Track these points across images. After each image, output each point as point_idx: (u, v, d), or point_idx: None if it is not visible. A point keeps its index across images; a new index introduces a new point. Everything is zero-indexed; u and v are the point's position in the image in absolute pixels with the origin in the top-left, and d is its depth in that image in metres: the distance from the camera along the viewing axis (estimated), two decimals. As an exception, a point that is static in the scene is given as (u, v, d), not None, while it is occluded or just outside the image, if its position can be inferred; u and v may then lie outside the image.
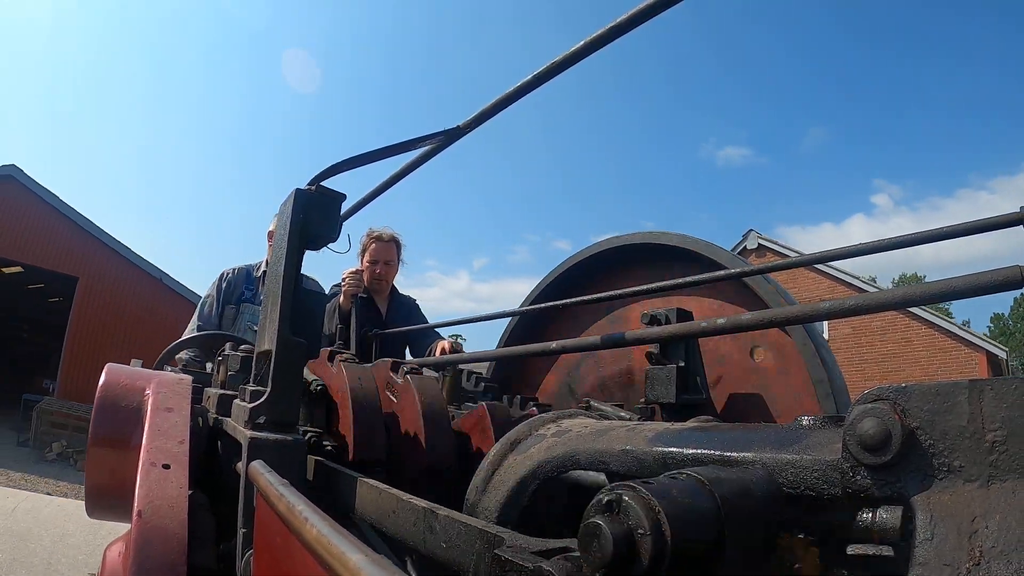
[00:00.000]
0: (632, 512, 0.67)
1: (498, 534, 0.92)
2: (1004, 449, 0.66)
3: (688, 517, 0.68)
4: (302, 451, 1.61)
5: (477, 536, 0.97)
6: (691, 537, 0.68)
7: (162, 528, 1.45)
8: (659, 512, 0.66)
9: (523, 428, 1.46)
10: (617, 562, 0.65)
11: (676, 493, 0.70)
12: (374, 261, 4.81)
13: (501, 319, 3.39)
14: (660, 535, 0.65)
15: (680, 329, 1.85)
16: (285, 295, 1.67)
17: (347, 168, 1.72)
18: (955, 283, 1.34)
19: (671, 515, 0.66)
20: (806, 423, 0.95)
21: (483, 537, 0.95)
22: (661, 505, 0.66)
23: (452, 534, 1.05)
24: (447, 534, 1.06)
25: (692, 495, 0.72)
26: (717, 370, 2.50)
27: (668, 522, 0.65)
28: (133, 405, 1.92)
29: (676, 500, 0.69)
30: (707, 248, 2.61)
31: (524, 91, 1.54)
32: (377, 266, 4.82)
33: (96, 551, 6.08)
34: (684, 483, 0.74)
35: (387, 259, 4.86)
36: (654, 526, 0.65)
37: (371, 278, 4.80)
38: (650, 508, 0.66)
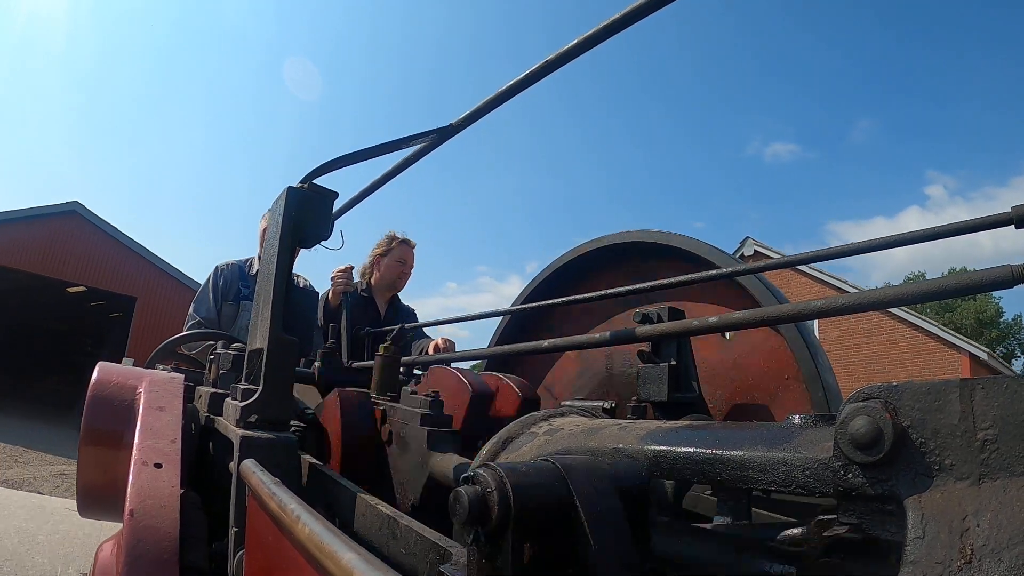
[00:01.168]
0: (482, 479, 0.83)
1: (448, 548, 1.03)
2: (995, 448, 0.66)
3: (529, 483, 0.84)
4: (294, 450, 1.60)
5: (430, 548, 1.08)
6: (534, 499, 0.83)
7: (154, 527, 1.44)
8: (503, 478, 0.82)
9: (515, 427, 1.46)
10: (474, 518, 0.81)
11: (522, 468, 0.87)
12: (402, 261, 4.98)
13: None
14: (504, 495, 0.80)
15: (672, 327, 1.85)
16: (277, 293, 1.66)
17: (340, 166, 1.72)
18: (947, 282, 1.34)
19: (514, 482, 0.82)
20: (797, 421, 0.95)
21: (435, 549, 1.06)
22: (506, 474, 0.82)
23: (410, 542, 1.14)
24: (406, 541, 1.16)
25: (537, 470, 0.88)
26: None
27: (511, 487, 0.81)
28: (125, 404, 1.91)
29: (520, 471, 0.85)
30: (698, 247, 2.61)
31: (516, 90, 1.54)
32: (405, 266, 5.00)
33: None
34: (535, 463, 0.91)
35: (412, 262, 5.06)
36: (500, 488, 0.81)
37: (396, 276, 4.96)
38: (497, 475, 0.82)
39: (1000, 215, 1.56)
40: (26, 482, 10.17)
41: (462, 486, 0.83)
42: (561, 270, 3.32)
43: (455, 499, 0.83)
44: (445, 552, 1.03)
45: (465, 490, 0.82)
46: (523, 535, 0.83)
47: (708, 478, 0.96)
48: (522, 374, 3.52)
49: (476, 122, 1.67)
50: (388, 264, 4.89)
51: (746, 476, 0.89)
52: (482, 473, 0.83)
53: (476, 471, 0.84)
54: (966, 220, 1.64)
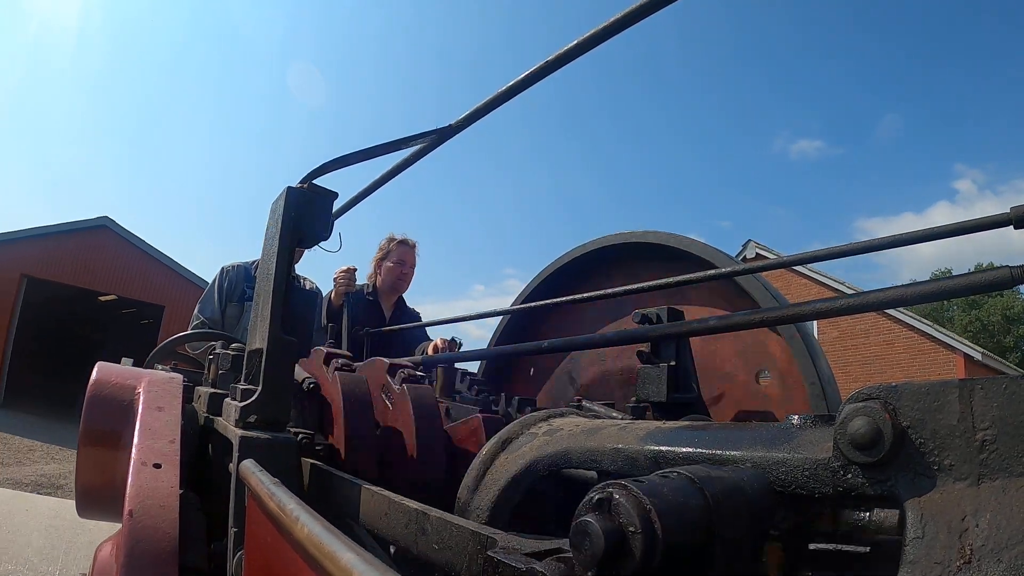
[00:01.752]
0: (623, 510, 0.67)
1: (491, 535, 0.91)
2: (994, 448, 0.66)
3: (679, 515, 0.68)
4: (293, 450, 1.60)
5: (470, 538, 0.96)
6: (682, 535, 0.68)
7: (153, 527, 1.44)
8: (650, 510, 0.66)
9: (514, 427, 1.46)
10: (609, 560, 0.65)
11: (667, 491, 0.70)
12: (401, 262, 4.95)
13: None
14: (651, 533, 0.65)
15: (671, 328, 1.86)
16: (276, 294, 1.66)
17: (339, 166, 1.72)
18: (947, 283, 1.35)
19: (662, 513, 0.66)
20: (797, 422, 0.95)
21: (476, 538, 0.95)
22: (652, 503, 0.66)
23: (444, 536, 1.04)
24: (439, 536, 1.05)
25: (683, 493, 0.72)
26: (720, 386, 2.51)
27: (659, 520, 0.66)
28: (124, 404, 1.91)
29: (667, 498, 0.69)
30: (696, 247, 2.61)
31: (515, 91, 1.54)
32: (405, 267, 4.96)
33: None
34: (675, 481, 0.74)
35: (412, 262, 5.02)
36: (645, 524, 0.65)
37: (396, 278, 4.92)
38: (641, 506, 0.66)
39: (999, 216, 1.56)
40: (62, 475, 11.27)
41: (590, 514, 0.69)
42: (560, 270, 3.32)
43: (582, 534, 0.68)
44: (488, 539, 0.92)
45: (595, 521, 0.67)
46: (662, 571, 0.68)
47: (707, 478, 0.96)
48: (522, 374, 3.53)
49: (476, 123, 1.67)
50: (387, 267, 4.89)
51: (745, 476, 0.89)
52: (618, 498, 0.69)
53: (609, 491, 0.70)
54: (965, 221, 1.64)
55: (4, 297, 23.01)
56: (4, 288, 22.97)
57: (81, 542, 6.46)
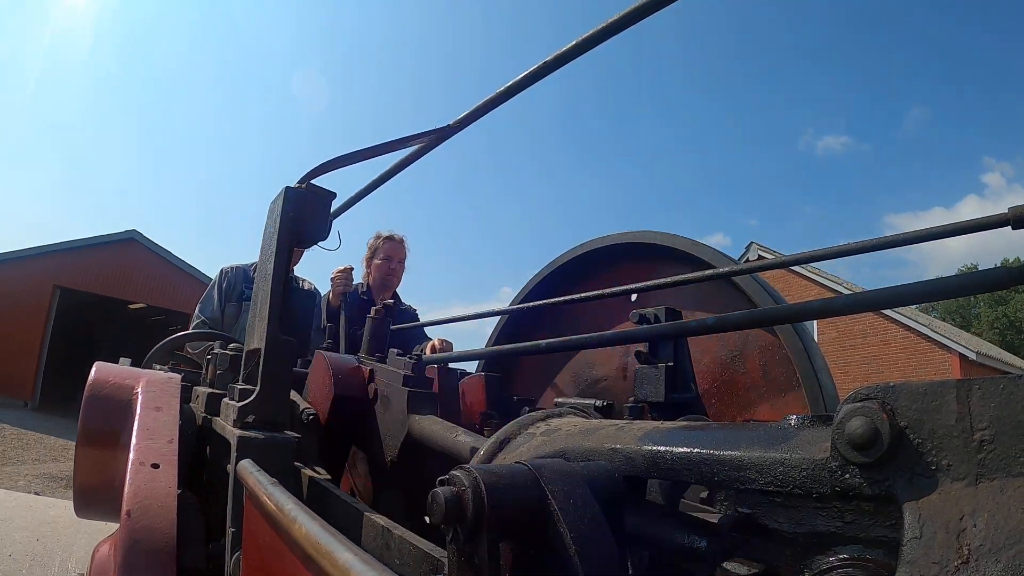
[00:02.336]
0: (457, 480, 0.84)
1: (440, 559, 1.05)
2: (992, 448, 0.66)
3: (503, 483, 0.85)
4: (291, 450, 1.60)
5: (423, 559, 1.10)
6: (507, 498, 0.84)
7: (151, 528, 1.44)
8: (477, 478, 0.83)
9: (512, 427, 1.46)
10: (451, 516, 0.83)
11: (496, 470, 0.88)
12: (388, 258, 4.90)
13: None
14: (478, 494, 0.82)
15: (669, 328, 1.85)
16: (275, 294, 1.66)
17: (337, 166, 1.72)
18: (945, 283, 1.35)
19: (487, 482, 0.83)
20: (794, 422, 0.95)
21: (428, 559, 1.09)
22: (479, 473, 0.84)
23: (404, 553, 1.17)
24: (400, 552, 1.18)
25: (510, 471, 0.90)
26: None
27: (484, 486, 0.82)
28: (122, 404, 1.91)
29: (494, 471, 0.87)
30: (694, 247, 2.61)
31: (514, 91, 1.54)
32: (392, 262, 4.91)
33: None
34: (508, 466, 0.93)
35: (400, 258, 4.96)
36: (474, 487, 0.82)
37: (384, 275, 4.88)
38: (471, 476, 0.84)
39: (998, 216, 1.56)
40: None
41: (439, 487, 0.85)
42: (559, 270, 3.32)
43: (432, 499, 0.84)
44: (438, 563, 1.05)
45: (441, 491, 0.84)
46: (499, 534, 0.85)
47: (705, 479, 0.96)
48: (522, 374, 3.53)
49: (474, 123, 1.67)
50: (376, 264, 4.88)
51: (743, 476, 0.89)
52: (457, 474, 0.85)
53: (452, 473, 0.86)
54: (964, 221, 1.64)
55: (38, 306, 24.76)
56: (38, 298, 24.76)
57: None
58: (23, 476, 11.32)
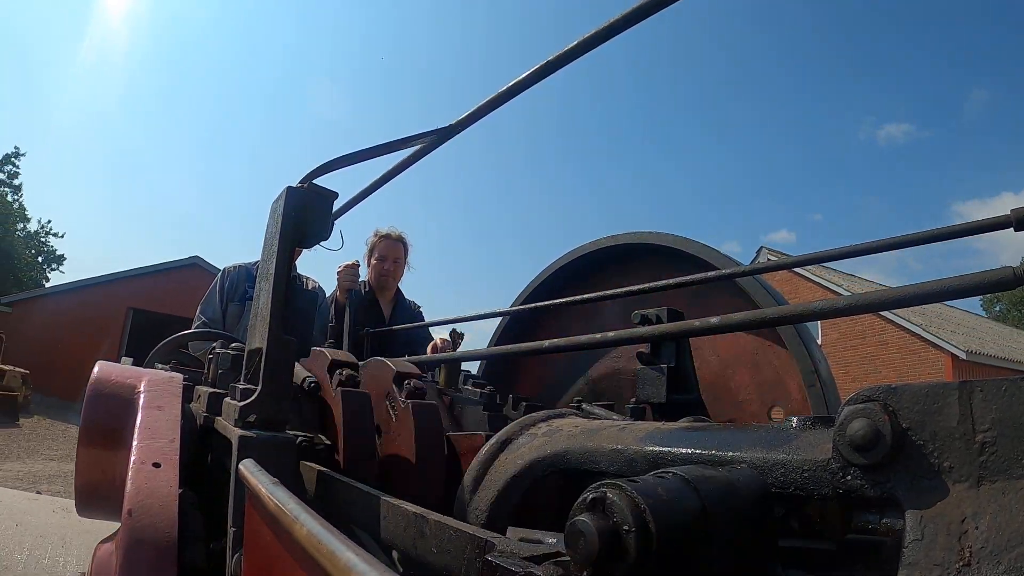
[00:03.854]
0: (617, 509, 0.67)
1: (489, 539, 0.91)
2: (994, 450, 0.66)
3: (673, 514, 0.69)
4: (293, 450, 1.60)
5: (468, 541, 0.96)
6: (676, 534, 0.68)
7: (152, 527, 1.44)
8: (644, 509, 0.66)
9: (514, 427, 1.46)
10: (603, 559, 0.66)
11: (661, 491, 0.71)
12: (382, 258, 4.83)
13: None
14: (646, 532, 0.65)
15: (671, 328, 1.85)
16: (276, 293, 1.66)
17: (339, 166, 1.72)
18: (949, 283, 1.34)
19: (656, 512, 0.66)
20: (796, 423, 0.95)
21: (473, 542, 0.95)
22: (646, 502, 0.67)
23: (442, 539, 1.03)
24: (437, 539, 1.05)
25: (677, 492, 0.73)
26: (731, 413, 2.53)
27: (653, 518, 0.66)
28: (124, 403, 1.91)
29: (661, 497, 0.69)
30: (698, 248, 2.62)
31: (517, 91, 1.54)
32: (386, 263, 4.83)
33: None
34: (670, 481, 0.75)
35: (395, 257, 4.88)
36: (639, 523, 0.66)
37: (379, 275, 4.82)
38: (635, 505, 0.67)
39: (1000, 217, 1.56)
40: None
41: (585, 514, 0.69)
42: (562, 271, 3.33)
43: (575, 533, 0.68)
44: (486, 543, 0.91)
45: (588, 521, 0.68)
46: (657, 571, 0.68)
47: (707, 479, 0.96)
48: (524, 374, 3.53)
49: (476, 123, 1.67)
50: (372, 263, 4.85)
51: (745, 478, 0.89)
52: (612, 497, 0.69)
53: (603, 491, 0.70)
54: (967, 222, 1.64)
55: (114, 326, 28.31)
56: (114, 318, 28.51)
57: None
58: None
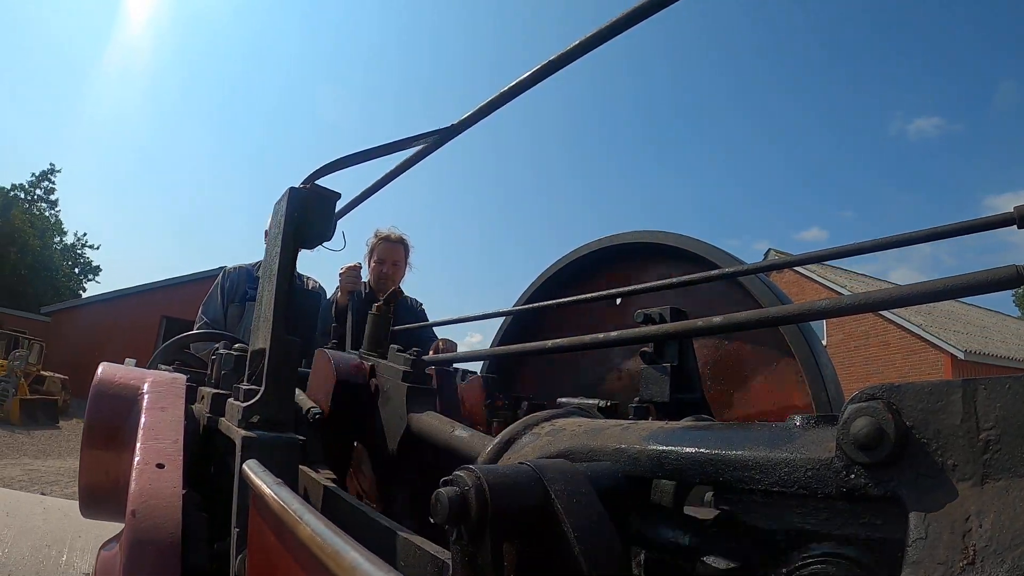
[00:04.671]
0: (460, 480, 0.85)
1: (447, 560, 1.03)
2: (998, 448, 0.66)
3: (506, 483, 0.85)
4: (296, 451, 1.60)
5: (429, 560, 1.10)
6: (511, 498, 0.85)
7: (156, 528, 1.44)
8: (481, 479, 0.83)
9: (517, 427, 1.46)
10: (455, 517, 0.83)
11: (499, 470, 0.88)
12: (381, 261, 4.80)
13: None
14: (481, 493, 0.82)
15: (675, 328, 1.85)
16: (279, 294, 1.67)
17: (341, 167, 1.72)
18: (953, 282, 1.34)
19: (491, 482, 0.83)
20: (799, 422, 0.95)
21: (433, 562, 1.09)
22: (482, 473, 0.84)
23: (409, 555, 1.16)
24: (405, 554, 1.17)
25: (514, 471, 0.90)
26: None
27: (488, 487, 0.83)
28: (128, 404, 1.91)
29: (497, 472, 0.87)
30: (699, 247, 2.61)
31: (519, 90, 1.54)
32: (384, 266, 4.80)
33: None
34: (511, 466, 0.93)
35: (394, 259, 4.85)
36: (477, 487, 0.83)
37: (378, 278, 4.79)
38: (474, 476, 0.84)
39: (1003, 215, 1.56)
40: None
41: (442, 488, 0.85)
42: (564, 270, 3.32)
43: (436, 500, 0.84)
44: (444, 564, 1.05)
45: (445, 491, 0.84)
46: (503, 534, 0.85)
47: (710, 479, 0.95)
48: (527, 374, 3.53)
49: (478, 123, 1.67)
50: (372, 266, 4.84)
51: (748, 477, 0.89)
52: (460, 475, 0.86)
53: (455, 473, 0.87)
54: (969, 220, 1.64)
55: (148, 334, 29.94)
56: (148, 326, 30.45)
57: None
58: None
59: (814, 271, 31.01)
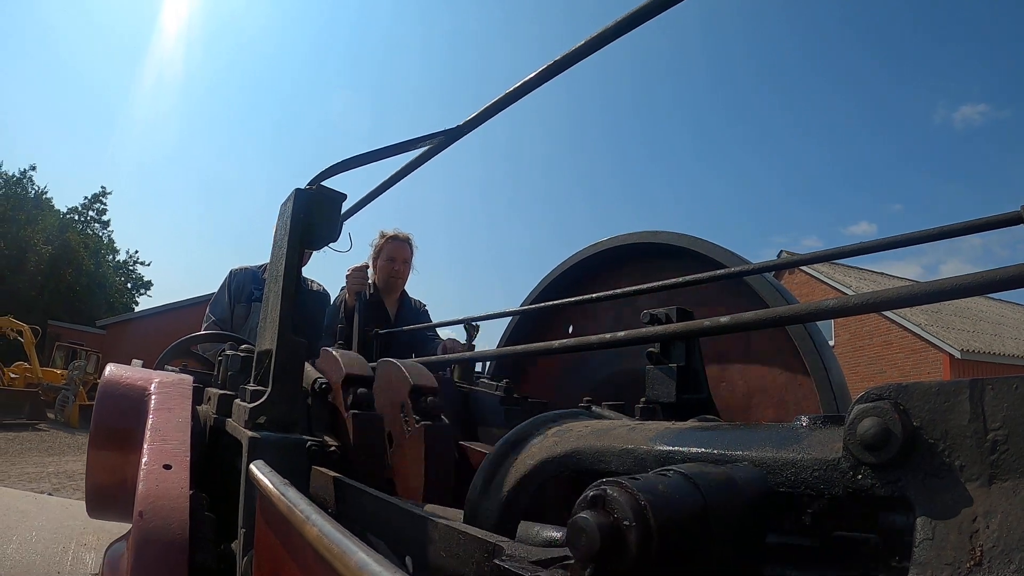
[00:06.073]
0: (617, 506, 0.67)
1: (497, 543, 0.91)
2: (1005, 448, 0.65)
3: (673, 510, 0.69)
4: (303, 451, 1.61)
5: (476, 545, 0.97)
6: (677, 529, 0.69)
7: (163, 528, 1.45)
8: (644, 505, 0.66)
9: (524, 428, 1.46)
10: (605, 556, 0.66)
11: (661, 487, 0.72)
12: (392, 259, 4.85)
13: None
14: (646, 527, 0.66)
15: (681, 328, 1.85)
16: (286, 294, 1.67)
17: (347, 168, 1.72)
18: (962, 281, 1.33)
19: (656, 508, 0.67)
20: (806, 422, 0.95)
21: (482, 546, 0.95)
22: (646, 498, 0.67)
23: (451, 543, 1.04)
24: (445, 543, 1.06)
25: (677, 488, 0.73)
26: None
27: (653, 515, 0.66)
28: (134, 404, 1.92)
29: (661, 493, 0.70)
30: (706, 247, 2.61)
31: (525, 91, 1.54)
32: (396, 263, 4.85)
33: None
34: (671, 478, 0.76)
35: (404, 258, 4.90)
36: (640, 518, 0.66)
37: (388, 275, 4.84)
38: (635, 501, 0.67)
39: (1009, 214, 1.56)
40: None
41: (586, 511, 0.69)
42: (570, 271, 3.32)
43: (576, 530, 0.68)
44: (495, 547, 0.92)
45: (591, 517, 0.68)
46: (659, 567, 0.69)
47: (716, 479, 0.95)
48: (534, 374, 3.53)
49: (483, 124, 1.67)
50: (380, 264, 4.87)
51: (755, 477, 0.89)
52: (612, 494, 0.69)
53: (607, 491, 0.70)
54: (974, 220, 1.64)
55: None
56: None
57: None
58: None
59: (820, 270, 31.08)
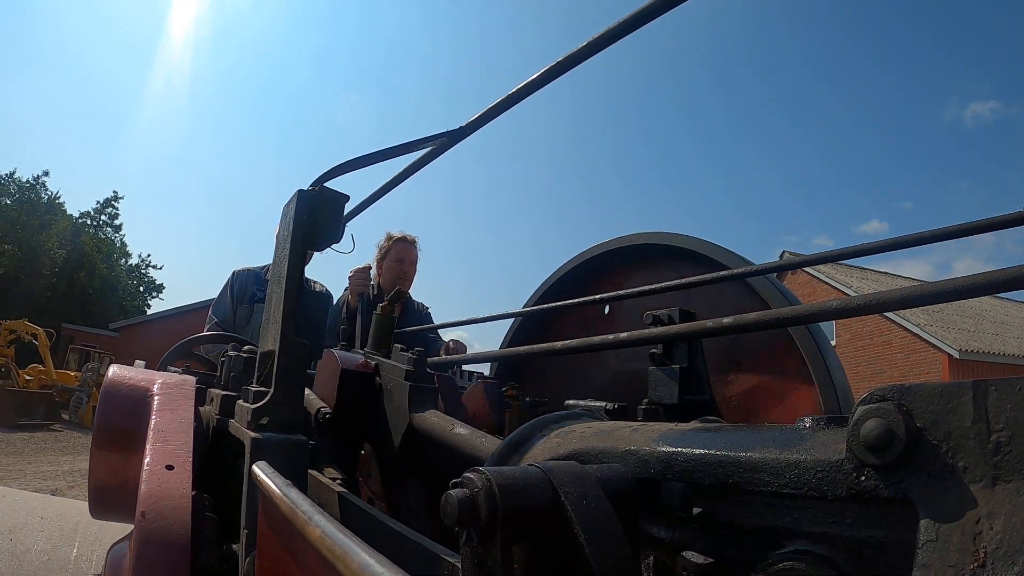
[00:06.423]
0: (469, 482, 0.85)
1: (456, 563, 1.05)
2: (1009, 450, 0.65)
3: (516, 485, 0.85)
4: (306, 452, 1.61)
5: (438, 563, 1.11)
6: (521, 499, 0.85)
7: (165, 529, 1.45)
8: (491, 480, 0.84)
9: (526, 429, 1.46)
10: (464, 519, 0.83)
11: (509, 472, 0.88)
12: (400, 260, 4.88)
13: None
14: (491, 496, 0.83)
15: (684, 329, 1.85)
16: (288, 295, 1.67)
17: (350, 169, 1.73)
18: (964, 282, 1.33)
19: (501, 484, 0.84)
20: (809, 424, 0.94)
21: (443, 564, 1.10)
22: (492, 475, 0.84)
23: (419, 558, 1.17)
24: (415, 558, 1.18)
25: (524, 472, 0.90)
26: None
27: (498, 488, 0.83)
28: (137, 405, 1.92)
29: (507, 474, 0.87)
30: (709, 248, 2.61)
31: (527, 92, 1.54)
32: (404, 264, 4.89)
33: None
34: (521, 468, 0.93)
35: (411, 259, 4.94)
36: (487, 489, 0.83)
37: (396, 276, 4.85)
38: (484, 478, 0.84)
39: (1012, 215, 1.55)
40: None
41: (452, 490, 0.85)
42: (572, 272, 3.32)
43: (445, 502, 0.85)
44: (453, 567, 1.05)
45: (454, 493, 0.84)
46: (513, 536, 0.85)
47: (720, 481, 0.95)
48: (536, 376, 3.53)
49: (485, 125, 1.67)
50: (387, 265, 4.88)
51: (758, 479, 0.88)
52: (470, 477, 0.86)
53: (464, 475, 0.87)
54: (978, 220, 1.63)
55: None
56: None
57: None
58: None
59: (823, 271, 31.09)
